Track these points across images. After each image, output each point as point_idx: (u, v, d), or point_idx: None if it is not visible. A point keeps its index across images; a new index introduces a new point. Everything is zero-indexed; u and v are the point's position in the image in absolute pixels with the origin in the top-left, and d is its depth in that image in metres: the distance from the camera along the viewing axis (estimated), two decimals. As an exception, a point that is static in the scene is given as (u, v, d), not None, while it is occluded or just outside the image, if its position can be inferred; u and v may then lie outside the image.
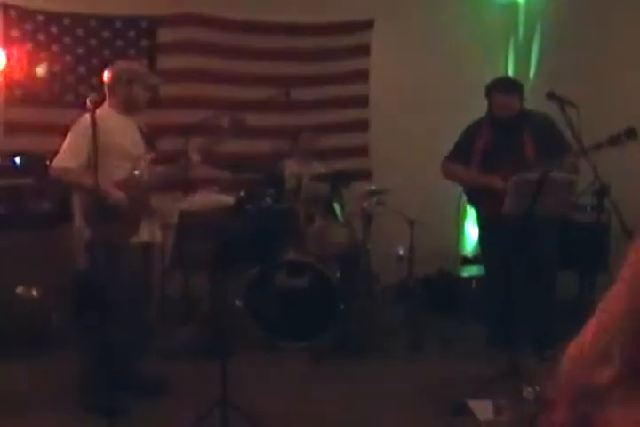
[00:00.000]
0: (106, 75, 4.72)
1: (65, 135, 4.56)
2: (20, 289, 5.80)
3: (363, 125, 7.64)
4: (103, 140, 4.23)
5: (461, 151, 5.67)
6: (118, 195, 4.41)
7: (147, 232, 4.66)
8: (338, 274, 5.94)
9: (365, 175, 6.68)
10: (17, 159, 6.03)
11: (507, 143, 5.46)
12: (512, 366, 4.55)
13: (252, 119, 7.05)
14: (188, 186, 6.05)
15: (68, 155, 4.44)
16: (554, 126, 5.33)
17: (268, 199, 5.93)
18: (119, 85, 4.65)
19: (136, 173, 4.55)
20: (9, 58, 6.15)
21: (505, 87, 5.55)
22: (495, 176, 5.36)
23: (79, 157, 4.40)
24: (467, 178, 5.64)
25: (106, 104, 4.67)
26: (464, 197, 5.84)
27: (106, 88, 4.70)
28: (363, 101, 7.61)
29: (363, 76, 7.57)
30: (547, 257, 5.50)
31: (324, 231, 6.00)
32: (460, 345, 5.85)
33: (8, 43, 6.54)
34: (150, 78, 4.86)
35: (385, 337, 5.88)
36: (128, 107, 4.71)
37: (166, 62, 7.04)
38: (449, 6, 7.66)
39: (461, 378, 4.96)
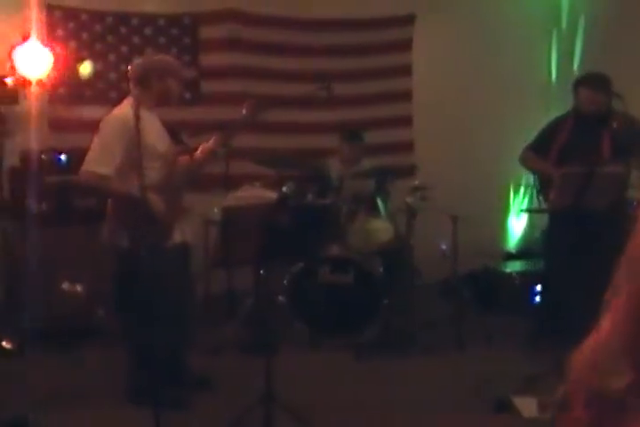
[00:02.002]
0: (135, 68, 4.46)
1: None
2: (65, 285, 5.86)
3: (406, 121, 7.63)
4: (133, 140, 3.94)
5: (541, 143, 5.66)
6: (159, 203, 4.28)
7: (179, 233, 4.53)
8: (381, 270, 5.91)
9: (410, 171, 6.68)
10: (62, 156, 6.08)
11: (585, 139, 5.40)
12: (559, 362, 4.51)
13: (295, 115, 7.11)
14: (230, 182, 6.06)
15: (102, 159, 4.24)
16: (636, 128, 5.26)
17: (311, 195, 5.94)
18: (153, 79, 4.42)
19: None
20: (54, 57, 6.19)
21: (592, 83, 5.46)
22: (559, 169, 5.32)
23: (113, 162, 4.23)
24: (538, 169, 5.66)
25: (129, 100, 4.41)
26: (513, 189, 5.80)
27: (134, 82, 4.46)
28: (406, 96, 7.61)
29: (405, 70, 7.58)
30: (608, 253, 5.42)
31: (368, 227, 5.99)
32: (504, 341, 5.78)
33: (53, 42, 6.58)
34: (184, 71, 4.72)
35: (428, 333, 5.83)
36: (161, 101, 4.52)
37: (208, 59, 7.11)
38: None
39: (505, 374, 4.90)
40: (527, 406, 4.35)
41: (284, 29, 7.31)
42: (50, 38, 6.61)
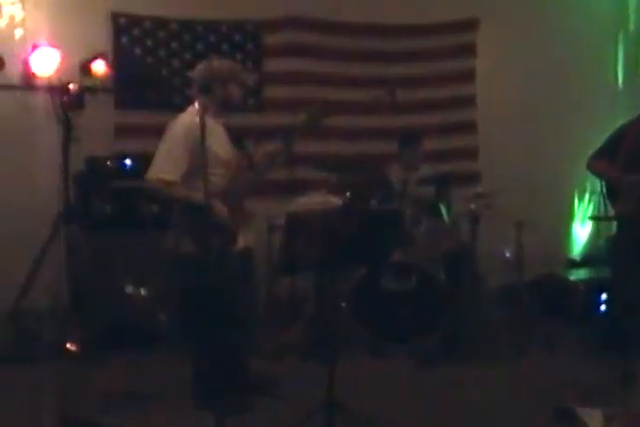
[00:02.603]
0: (197, 74, 4.49)
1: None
2: (129, 288, 5.94)
3: (471, 127, 7.57)
4: (198, 147, 3.92)
5: (609, 147, 5.56)
6: (223, 210, 4.29)
7: (243, 238, 4.52)
8: (444, 276, 5.89)
9: (473, 177, 6.61)
10: (127, 162, 6.17)
11: None
12: (626, 372, 4.43)
13: (358, 121, 7.09)
14: (294, 187, 6.07)
15: (167, 165, 4.27)
16: None
17: (374, 201, 5.91)
18: (214, 85, 4.40)
19: None
20: (119, 63, 6.27)
21: None
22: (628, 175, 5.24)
23: (178, 169, 4.26)
24: (605, 175, 5.57)
25: (194, 107, 4.44)
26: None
27: (197, 88, 4.48)
28: (470, 102, 7.56)
29: (469, 76, 7.54)
30: None
31: (431, 233, 5.97)
32: (568, 350, 5.72)
33: (118, 49, 6.73)
34: (245, 76, 4.71)
35: (491, 341, 5.78)
36: (224, 107, 4.51)
37: (272, 65, 7.17)
38: (557, 1, 7.56)
39: (569, 384, 4.83)
40: (592, 417, 4.26)
41: (347, 35, 7.32)
42: (115, 45, 6.75)
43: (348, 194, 5.53)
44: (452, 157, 7.31)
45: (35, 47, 5.96)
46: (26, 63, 5.99)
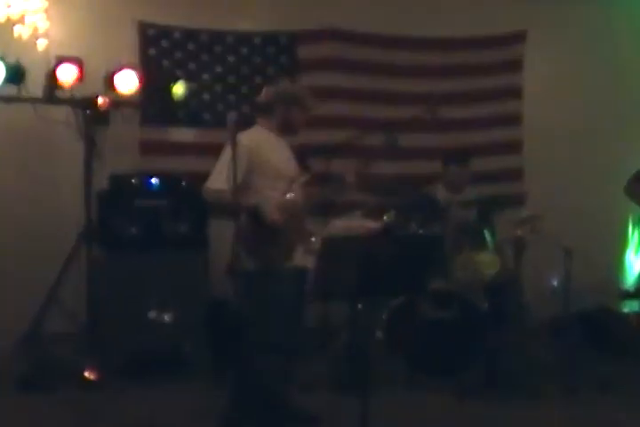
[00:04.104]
0: (266, 94, 4.70)
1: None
2: (152, 313, 5.84)
3: (516, 146, 7.38)
4: (259, 160, 4.39)
5: None
6: (277, 215, 4.34)
7: (300, 256, 4.54)
8: (486, 305, 5.68)
9: (519, 200, 6.37)
10: (153, 180, 6.09)
11: None
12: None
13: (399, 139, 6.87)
14: (331, 209, 5.89)
15: (219, 177, 4.38)
16: None
17: (414, 225, 5.67)
18: (280, 107, 4.62)
19: (288, 196, 4.50)
20: (146, 76, 6.15)
21: None
22: None
23: (229, 180, 4.28)
24: None
25: (260, 124, 4.66)
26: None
27: (262, 107, 4.69)
28: (516, 120, 7.37)
29: (515, 92, 7.37)
30: None
31: (473, 260, 5.75)
32: (619, 387, 5.40)
33: (145, 61, 6.61)
34: (310, 101, 4.78)
35: (536, 376, 5.51)
36: (285, 129, 4.68)
37: (306, 80, 6.90)
38: (606, 14, 7.35)
39: (621, 424, 4.66)
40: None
41: (387, 49, 7.17)
42: (142, 57, 6.65)
43: (385, 217, 5.39)
44: (495, 178, 7.10)
45: (59, 59, 5.80)
46: (49, 75, 5.83)
